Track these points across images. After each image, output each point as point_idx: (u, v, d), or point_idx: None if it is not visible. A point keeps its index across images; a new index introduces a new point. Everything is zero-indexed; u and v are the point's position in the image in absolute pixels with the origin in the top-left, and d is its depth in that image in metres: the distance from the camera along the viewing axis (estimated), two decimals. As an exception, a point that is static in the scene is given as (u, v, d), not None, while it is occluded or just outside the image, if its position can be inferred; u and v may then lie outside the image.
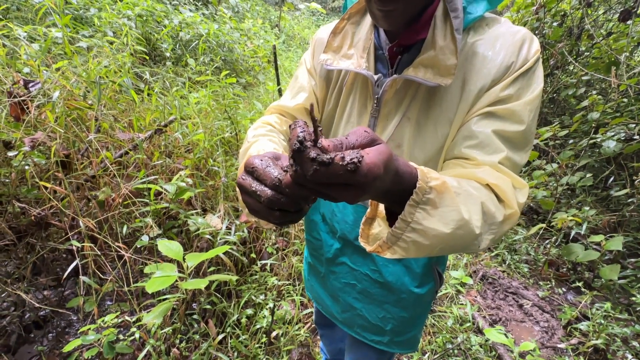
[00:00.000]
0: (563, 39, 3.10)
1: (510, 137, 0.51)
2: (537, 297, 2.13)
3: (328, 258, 0.81)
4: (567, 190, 2.81)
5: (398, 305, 0.76)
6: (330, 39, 0.62)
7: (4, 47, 1.60)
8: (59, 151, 1.35)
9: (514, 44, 0.51)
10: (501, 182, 0.48)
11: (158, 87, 2.12)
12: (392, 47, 0.57)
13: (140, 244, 1.27)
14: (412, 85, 0.56)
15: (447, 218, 0.39)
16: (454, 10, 0.49)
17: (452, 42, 0.49)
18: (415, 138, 0.57)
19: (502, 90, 0.51)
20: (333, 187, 0.28)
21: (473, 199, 0.43)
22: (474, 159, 0.51)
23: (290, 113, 0.72)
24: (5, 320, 1.50)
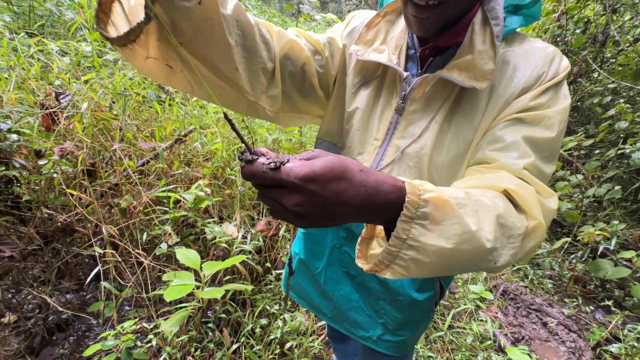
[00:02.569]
0: (587, 46, 3.01)
1: (539, 143, 0.50)
2: (562, 315, 2.02)
3: (332, 246, 0.80)
4: (594, 203, 2.69)
5: (393, 305, 0.75)
6: (364, 32, 0.62)
7: (39, 61, 1.70)
8: (86, 160, 1.40)
9: (545, 57, 0.52)
10: (521, 189, 0.46)
11: (179, 98, 2.19)
12: (425, 49, 0.58)
13: (159, 251, 1.30)
14: (445, 89, 0.56)
15: (448, 232, 0.36)
16: (495, 18, 0.51)
17: (491, 48, 0.50)
18: (438, 142, 0.57)
19: (531, 99, 0.51)
20: (273, 190, 0.32)
21: (485, 208, 0.40)
22: (496, 161, 0.50)
23: (306, 36, 0.65)
24: (30, 322, 1.56)
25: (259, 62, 0.54)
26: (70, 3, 2.71)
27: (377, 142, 0.63)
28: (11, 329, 1.48)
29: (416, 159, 0.58)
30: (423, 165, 0.58)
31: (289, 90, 0.63)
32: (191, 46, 0.44)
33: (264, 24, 0.56)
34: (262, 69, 0.55)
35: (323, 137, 0.73)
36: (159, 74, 0.48)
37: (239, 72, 0.50)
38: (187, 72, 0.48)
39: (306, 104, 0.69)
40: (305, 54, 0.61)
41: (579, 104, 3.26)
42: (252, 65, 0.53)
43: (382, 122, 0.62)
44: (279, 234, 1.82)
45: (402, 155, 0.59)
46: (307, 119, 0.77)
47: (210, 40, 0.44)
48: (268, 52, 0.55)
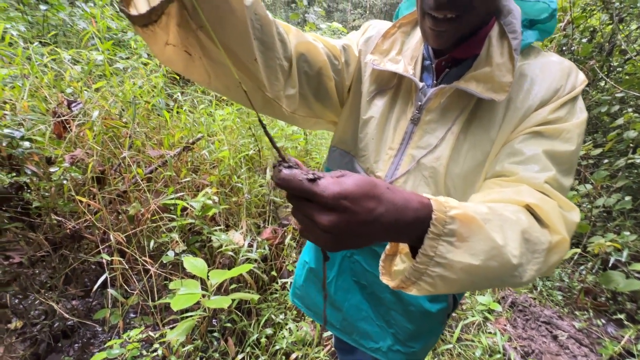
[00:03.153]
0: (593, 55, 3.00)
1: (559, 157, 0.50)
2: (573, 329, 1.98)
3: (343, 255, 0.80)
4: (603, 213, 2.65)
5: (405, 315, 0.74)
6: (380, 42, 0.63)
7: (52, 70, 1.73)
8: (95, 167, 1.42)
9: (562, 70, 0.53)
10: (544, 203, 0.45)
11: (187, 106, 2.21)
12: (441, 60, 0.59)
13: (166, 259, 1.30)
14: (461, 100, 0.56)
15: (475, 249, 0.36)
16: (513, 32, 0.51)
17: (509, 60, 0.51)
18: (454, 153, 0.57)
19: (550, 112, 0.51)
20: (307, 205, 0.32)
21: (509, 224, 0.40)
22: (515, 174, 0.50)
23: (323, 41, 0.65)
24: (35, 328, 1.56)
25: (276, 58, 0.53)
26: (82, 13, 2.78)
27: (391, 152, 0.63)
28: (17, 335, 1.49)
29: (432, 169, 0.58)
30: (439, 176, 0.58)
31: (305, 92, 0.63)
32: None
33: (281, 24, 0.57)
34: (280, 65, 0.54)
35: (337, 145, 0.73)
36: (178, 61, 0.47)
37: (258, 64, 0.49)
38: (205, 60, 0.46)
39: (321, 108, 0.69)
40: (322, 57, 0.61)
41: (587, 113, 3.24)
42: (269, 60, 0.52)
43: (397, 132, 0.63)
44: (284, 242, 1.82)
45: (417, 165, 0.59)
46: (322, 123, 0.76)
47: (231, 27, 0.43)
48: (284, 50, 0.55)
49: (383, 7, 12.03)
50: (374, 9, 12.14)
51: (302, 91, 0.61)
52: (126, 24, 3.10)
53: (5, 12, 2.48)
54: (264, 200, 2.00)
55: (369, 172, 0.66)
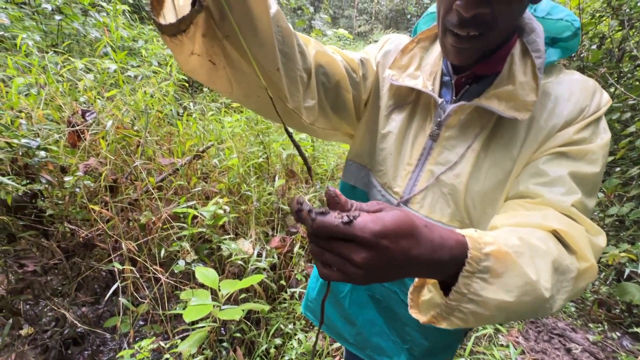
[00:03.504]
0: (603, 61, 2.98)
1: (583, 178, 0.49)
2: (587, 341, 1.93)
3: None
4: (616, 222, 2.60)
5: (420, 332, 0.72)
6: (398, 57, 0.63)
7: (67, 80, 1.77)
8: (108, 176, 1.43)
9: (587, 90, 0.52)
10: (572, 229, 0.44)
11: (197, 114, 2.23)
12: (461, 77, 0.58)
13: (177, 269, 1.30)
14: (482, 117, 0.56)
15: (509, 285, 0.36)
16: (537, 50, 0.50)
17: (533, 79, 0.50)
18: (474, 170, 0.56)
19: (575, 133, 0.50)
20: (343, 245, 0.31)
21: (540, 254, 0.40)
22: (540, 196, 0.49)
23: (341, 54, 0.64)
24: (46, 335, 1.57)
25: (296, 70, 0.53)
26: (94, 22, 2.84)
27: (409, 167, 0.62)
28: (29, 342, 1.50)
29: (451, 186, 0.58)
30: (458, 194, 0.57)
31: (323, 104, 0.62)
32: (237, 40, 0.43)
33: (301, 36, 0.57)
34: (299, 77, 0.54)
35: (353, 159, 0.73)
36: (201, 71, 0.48)
37: (280, 74, 0.50)
38: (229, 69, 0.47)
39: (338, 120, 0.69)
40: (340, 70, 0.61)
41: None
42: (290, 71, 0.52)
43: (415, 147, 0.62)
44: (293, 251, 1.81)
45: (436, 182, 0.59)
46: (339, 135, 0.76)
47: (256, 36, 0.44)
48: (304, 62, 0.55)
49: (388, 13, 12.10)
50: (379, 15, 12.21)
51: (320, 103, 0.61)
52: (137, 33, 3.15)
53: (20, 21, 2.54)
54: (272, 208, 2.00)
55: (386, 187, 0.66)
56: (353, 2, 12.09)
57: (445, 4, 0.49)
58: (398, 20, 12.06)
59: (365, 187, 0.72)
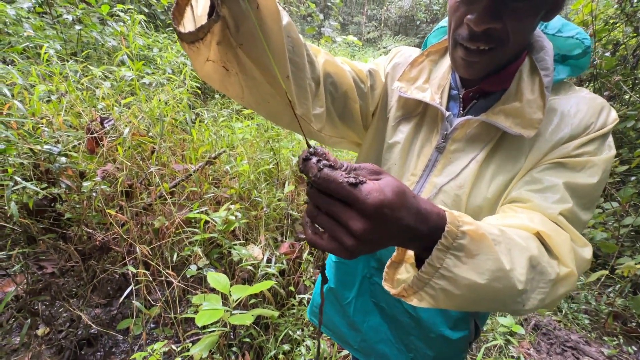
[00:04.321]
0: (617, 68, 2.93)
1: (579, 189, 0.50)
2: (602, 355, 1.88)
3: (362, 276, 0.80)
4: (631, 232, 2.54)
5: (424, 341, 0.73)
6: (407, 70, 0.64)
7: (86, 88, 1.83)
8: (124, 182, 1.48)
9: (594, 107, 0.53)
10: (556, 234, 0.45)
11: (209, 121, 2.28)
12: (469, 92, 0.59)
13: (189, 273, 1.33)
14: (488, 131, 0.57)
15: (482, 267, 0.36)
16: (545, 69, 0.51)
17: (540, 97, 0.51)
18: (477, 181, 0.57)
19: (576, 147, 0.51)
20: (343, 210, 0.30)
21: (519, 249, 0.40)
22: (529, 201, 0.49)
23: (350, 64, 0.66)
24: (61, 335, 1.61)
25: (305, 78, 0.55)
26: (112, 31, 2.93)
27: (414, 178, 0.63)
28: (44, 342, 1.54)
29: (454, 197, 0.58)
30: (461, 204, 0.58)
31: (330, 113, 0.64)
32: (249, 48, 0.45)
33: (311, 46, 0.59)
34: (308, 85, 0.56)
35: None
36: (215, 77, 0.51)
37: (290, 81, 0.51)
38: (241, 75, 0.49)
39: (345, 129, 0.70)
40: (348, 80, 0.63)
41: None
42: (299, 80, 0.54)
43: (420, 159, 0.63)
44: (302, 257, 1.82)
45: (439, 192, 0.60)
46: (345, 143, 0.78)
47: (269, 44, 0.46)
48: (312, 72, 0.57)
49: (398, 20, 12.14)
50: (388, 21, 12.27)
51: (328, 111, 0.63)
52: (152, 41, 3.25)
53: (42, 30, 2.65)
54: (281, 214, 2.02)
55: None
56: (362, 9, 12.19)
57: (457, 18, 0.50)
58: (407, 27, 12.10)
59: None
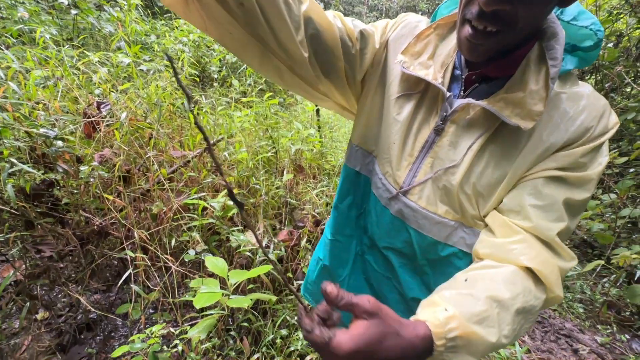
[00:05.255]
0: (620, 60, 2.91)
1: (575, 205, 0.52)
2: (595, 343, 1.91)
3: (355, 253, 0.81)
4: (628, 224, 2.55)
5: (408, 315, 0.73)
6: (412, 42, 0.61)
7: (82, 73, 1.81)
8: (122, 167, 1.47)
9: (597, 109, 0.51)
10: (545, 267, 0.49)
11: (208, 108, 2.26)
12: (472, 74, 0.58)
13: (187, 258, 1.33)
14: (487, 118, 0.55)
15: (475, 352, 0.43)
16: (554, 58, 0.49)
17: (544, 89, 0.49)
18: (470, 168, 0.56)
19: (578, 157, 0.51)
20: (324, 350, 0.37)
21: (506, 307, 0.45)
22: (529, 220, 0.52)
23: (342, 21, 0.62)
24: (60, 319, 1.62)
25: (279, 13, 0.53)
26: (109, 17, 2.89)
27: (410, 159, 0.63)
28: (44, 325, 1.55)
29: (446, 182, 0.58)
30: (452, 189, 0.57)
31: (313, 65, 0.61)
32: None
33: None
34: (285, 21, 0.53)
35: (359, 145, 0.73)
36: (177, 7, 0.52)
37: (246, 7, 0.50)
38: (197, 4, 0.50)
39: (329, 86, 0.67)
40: (334, 34, 0.60)
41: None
42: (271, 11, 0.52)
43: (418, 139, 0.62)
44: (300, 244, 1.83)
45: (434, 175, 0.59)
46: (331, 103, 0.76)
47: None
48: (288, 11, 0.54)
49: (399, 10, 11.98)
50: (390, 12, 12.10)
51: (311, 63, 0.60)
52: (150, 27, 3.20)
53: (37, 15, 2.60)
54: (280, 202, 2.02)
55: (387, 175, 0.66)
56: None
57: None
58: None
59: (369, 174, 0.73)
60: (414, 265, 0.69)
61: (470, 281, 0.49)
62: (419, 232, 0.64)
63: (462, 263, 0.63)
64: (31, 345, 1.46)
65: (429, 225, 0.62)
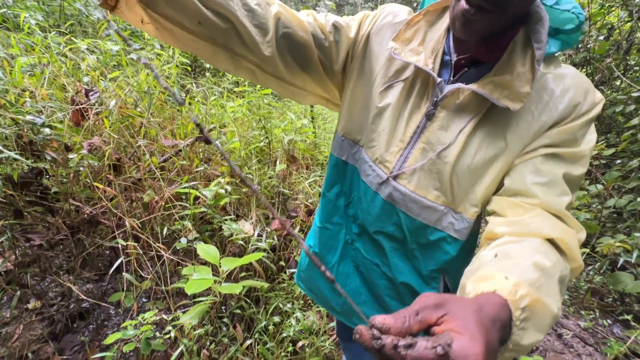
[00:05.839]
0: (610, 53, 2.94)
1: (574, 180, 0.53)
2: (578, 328, 1.98)
3: (344, 242, 0.82)
4: (613, 214, 2.62)
5: (398, 299, 0.76)
6: (403, 29, 0.62)
7: (69, 60, 1.77)
8: (112, 155, 1.46)
9: (582, 87, 0.54)
10: (567, 236, 0.49)
11: (200, 97, 2.24)
12: (461, 59, 0.59)
13: (179, 246, 1.34)
14: (477, 101, 0.56)
15: (541, 325, 0.39)
16: (539, 41, 0.50)
17: (530, 71, 0.51)
18: (462, 152, 0.58)
19: (569, 133, 0.53)
20: None
21: (551, 275, 0.43)
22: (537, 197, 0.52)
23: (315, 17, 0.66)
24: (53, 309, 1.62)
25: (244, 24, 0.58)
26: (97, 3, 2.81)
27: (402, 144, 0.64)
28: (35, 314, 1.55)
29: (439, 165, 0.59)
30: (445, 173, 0.59)
31: (288, 60, 0.64)
32: (151, 5, 0.52)
33: None
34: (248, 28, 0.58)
35: (345, 135, 0.74)
36: (159, 35, 0.59)
37: (203, 26, 0.55)
38: (161, 30, 0.56)
39: (308, 80, 0.70)
40: (305, 30, 0.63)
41: (600, 113, 3.19)
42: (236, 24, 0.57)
43: (409, 125, 0.63)
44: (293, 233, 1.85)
45: (425, 160, 0.60)
46: (312, 97, 0.78)
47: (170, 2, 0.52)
48: (253, 19, 0.59)
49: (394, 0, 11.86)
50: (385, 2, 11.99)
51: (284, 58, 0.64)
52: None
53: (22, 1, 2.52)
54: (273, 191, 2.02)
55: (377, 162, 0.67)
56: (358, -11, 11.86)
57: None
58: (404, 8, 11.84)
59: (356, 163, 0.74)
60: (404, 250, 0.71)
61: (502, 255, 0.46)
62: (408, 216, 0.66)
63: (451, 248, 0.65)
64: (23, 334, 1.46)
65: (417, 209, 0.64)
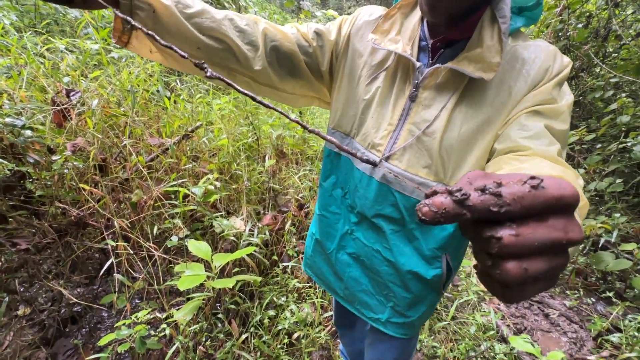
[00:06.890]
0: (589, 40, 3.02)
1: (557, 134, 0.56)
2: (564, 307, 2.06)
3: (343, 232, 0.84)
4: (595, 197, 2.71)
5: (402, 286, 0.78)
6: (381, 22, 0.67)
7: (47, 60, 1.73)
8: (97, 156, 1.43)
9: (549, 52, 0.59)
10: (567, 174, 0.49)
11: (185, 95, 2.21)
12: (436, 42, 0.63)
13: (170, 244, 1.33)
14: (455, 78, 0.61)
15: None
16: (503, 16, 0.55)
17: (498, 43, 0.55)
18: (447, 127, 0.62)
19: (545, 93, 0.57)
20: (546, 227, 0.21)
21: None
22: (529, 148, 0.54)
23: (297, 28, 0.74)
24: (43, 314, 1.60)
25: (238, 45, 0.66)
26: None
27: (390, 127, 0.68)
28: (26, 321, 1.52)
29: (428, 142, 0.64)
30: (433, 149, 0.63)
31: (278, 71, 0.72)
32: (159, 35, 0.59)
33: (246, 18, 0.69)
34: (241, 48, 0.66)
35: (336, 128, 0.78)
36: (164, 62, 0.67)
37: (203, 50, 0.63)
38: (166, 55, 0.65)
39: (300, 86, 0.78)
40: (290, 41, 0.71)
41: (581, 99, 3.27)
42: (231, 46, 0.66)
43: (396, 109, 0.67)
44: (284, 228, 1.86)
45: (414, 139, 0.65)
46: (308, 100, 0.85)
47: (169, 31, 0.60)
48: (244, 38, 0.67)
49: None
50: None
51: (274, 69, 0.72)
52: (119, 13, 3.05)
53: (-6, 1, 2.43)
54: (263, 187, 2.02)
55: (369, 147, 0.71)
56: (343, -17, 11.78)
57: None
58: (388, 2, 11.85)
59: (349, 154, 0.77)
60: (404, 231, 0.73)
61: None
62: (403, 194, 0.69)
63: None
64: (13, 340, 1.44)
65: (411, 186, 0.68)
